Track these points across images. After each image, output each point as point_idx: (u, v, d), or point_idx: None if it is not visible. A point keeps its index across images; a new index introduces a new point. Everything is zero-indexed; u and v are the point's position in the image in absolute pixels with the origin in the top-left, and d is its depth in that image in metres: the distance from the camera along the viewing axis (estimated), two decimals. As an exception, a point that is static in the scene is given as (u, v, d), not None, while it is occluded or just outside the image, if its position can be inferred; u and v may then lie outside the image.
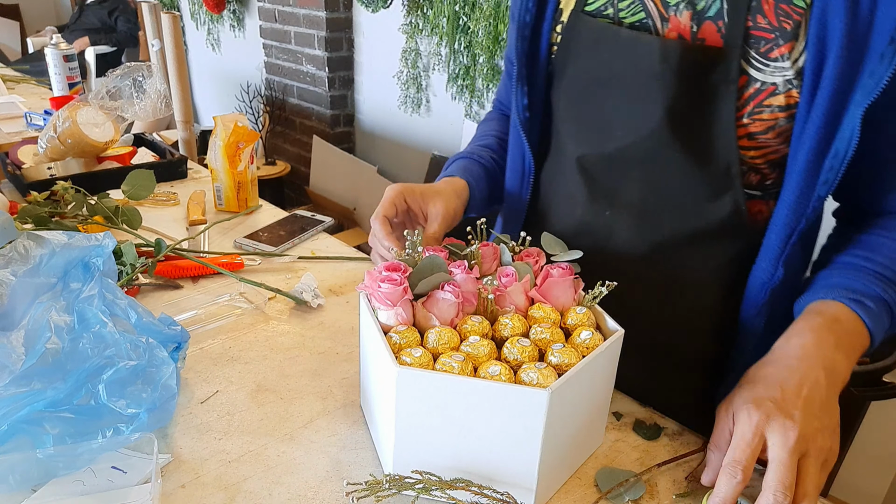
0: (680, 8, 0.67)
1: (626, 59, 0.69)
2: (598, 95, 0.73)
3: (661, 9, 0.68)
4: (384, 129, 3.14)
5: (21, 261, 0.74)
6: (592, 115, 0.74)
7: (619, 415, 0.76)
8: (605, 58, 0.71)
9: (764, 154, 0.69)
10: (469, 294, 0.66)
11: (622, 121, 0.71)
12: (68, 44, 1.88)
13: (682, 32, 0.67)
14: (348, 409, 0.75)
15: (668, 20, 0.67)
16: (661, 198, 0.74)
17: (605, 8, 0.72)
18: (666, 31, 0.68)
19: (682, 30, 0.67)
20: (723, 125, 0.66)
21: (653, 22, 0.68)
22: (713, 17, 0.65)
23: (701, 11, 0.66)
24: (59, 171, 1.35)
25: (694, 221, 0.73)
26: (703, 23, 0.66)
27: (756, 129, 0.66)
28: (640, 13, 0.69)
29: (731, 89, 0.65)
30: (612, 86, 0.71)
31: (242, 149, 1.26)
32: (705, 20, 0.65)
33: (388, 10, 2.79)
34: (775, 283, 0.71)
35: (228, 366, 0.82)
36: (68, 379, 0.62)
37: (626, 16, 0.70)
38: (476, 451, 0.59)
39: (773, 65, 0.63)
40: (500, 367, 0.57)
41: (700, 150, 0.69)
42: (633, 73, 0.68)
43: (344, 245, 1.19)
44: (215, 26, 3.93)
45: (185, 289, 1.00)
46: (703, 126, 0.68)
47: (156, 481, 0.61)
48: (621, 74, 0.70)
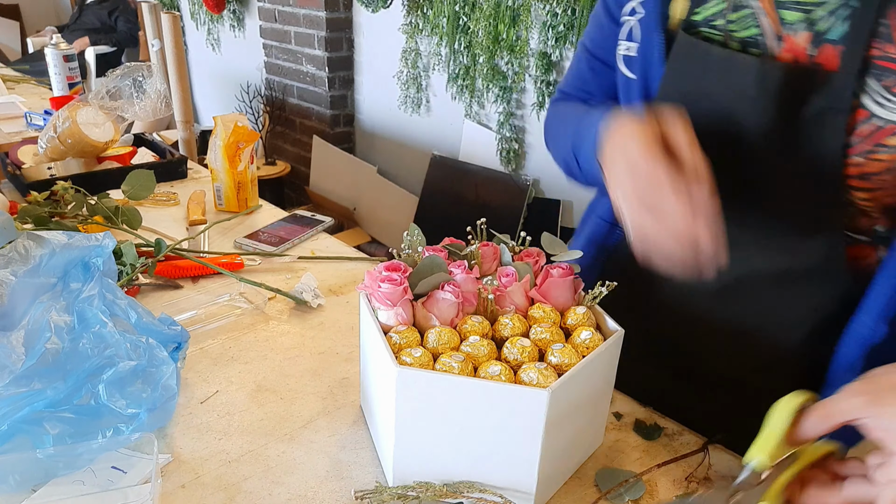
0: (798, 28, 0.59)
1: (719, 78, 0.63)
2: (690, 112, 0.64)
3: (777, 27, 0.60)
4: (384, 129, 3.14)
5: (21, 261, 0.74)
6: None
7: (619, 415, 0.76)
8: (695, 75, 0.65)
9: (877, 197, 0.61)
10: (469, 294, 0.66)
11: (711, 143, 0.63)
12: (68, 44, 1.88)
13: (797, 55, 0.59)
14: (348, 409, 0.75)
15: (783, 39, 0.60)
16: (749, 230, 0.67)
17: (715, 18, 0.64)
18: (780, 51, 0.60)
19: (798, 52, 0.59)
20: (826, 159, 0.59)
21: (765, 40, 0.61)
22: (835, 41, 0.57)
23: (821, 33, 0.57)
24: (59, 171, 1.35)
25: (782, 259, 0.66)
26: (822, 46, 0.58)
27: (871, 169, 0.58)
28: (752, 28, 0.61)
29: (840, 119, 0.57)
30: (703, 103, 0.64)
31: (242, 149, 1.26)
32: (824, 43, 0.57)
33: (388, 10, 2.79)
34: (876, 342, 0.63)
35: (228, 366, 0.82)
36: (68, 379, 0.62)
37: (737, 29, 0.63)
38: (476, 450, 0.59)
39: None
40: (500, 367, 0.57)
41: (797, 182, 0.62)
42: (724, 91, 0.62)
43: (344, 245, 1.19)
44: (215, 26, 3.93)
45: (185, 289, 1.00)
46: (803, 157, 0.60)
47: (156, 481, 0.61)
48: (712, 92, 0.64)
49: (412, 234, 0.71)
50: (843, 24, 0.56)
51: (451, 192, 2.74)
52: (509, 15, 2.34)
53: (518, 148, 2.54)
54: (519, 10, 2.30)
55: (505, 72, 2.46)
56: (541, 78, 2.32)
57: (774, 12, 0.60)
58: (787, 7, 0.59)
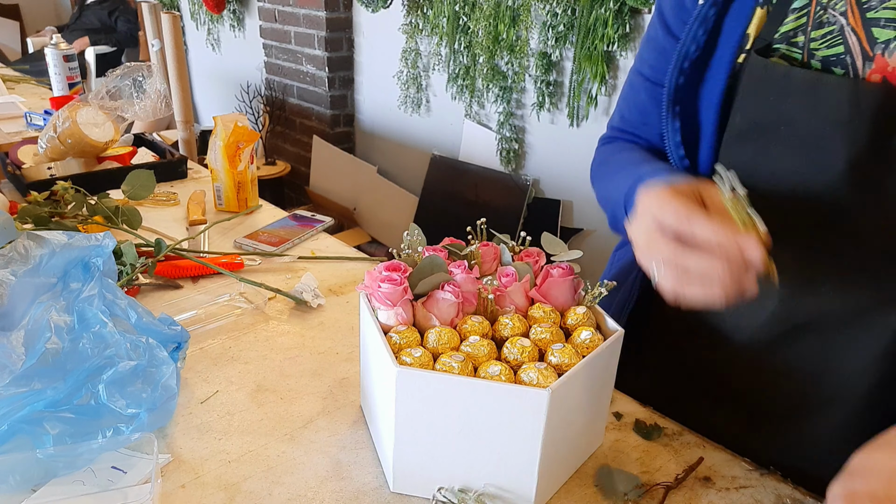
0: (891, 47, 0.54)
1: (802, 102, 0.57)
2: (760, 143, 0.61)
3: (867, 45, 0.55)
4: (384, 129, 3.14)
5: (21, 261, 0.74)
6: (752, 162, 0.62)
7: (619, 415, 0.76)
8: (771, 100, 0.59)
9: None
10: (469, 294, 0.66)
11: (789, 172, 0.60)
12: (68, 44, 1.88)
13: (887, 75, 0.54)
14: (348, 409, 0.75)
15: (872, 59, 0.55)
16: (824, 266, 0.62)
17: (795, 34, 0.59)
18: (868, 71, 0.55)
19: (890, 73, 0.54)
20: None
21: (852, 59, 0.56)
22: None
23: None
24: (59, 171, 1.35)
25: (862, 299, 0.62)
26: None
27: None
28: (837, 46, 0.57)
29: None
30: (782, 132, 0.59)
31: (242, 149, 1.26)
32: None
33: (388, 10, 2.79)
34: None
35: (228, 366, 0.82)
36: (68, 379, 0.62)
37: (819, 47, 0.58)
38: (476, 450, 0.59)
39: None
40: (500, 367, 0.57)
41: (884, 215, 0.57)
42: (808, 118, 0.57)
43: (344, 245, 1.19)
44: (215, 26, 3.93)
45: (185, 289, 1.00)
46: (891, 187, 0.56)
47: (156, 481, 0.61)
48: (794, 119, 0.58)
49: (412, 234, 0.71)
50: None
51: (451, 192, 2.74)
52: (509, 15, 2.34)
53: (518, 148, 2.54)
54: (519, 10, 2.30)
55: (505, 72, 2.46)
56: (541, 78, 2.32)
57: (863, 30, 0.56)
58: (880, 25, 0.55)
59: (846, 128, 0.55)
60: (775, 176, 0.61)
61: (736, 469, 0.69)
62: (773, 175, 0.61)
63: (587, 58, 2.15)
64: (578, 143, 2.34)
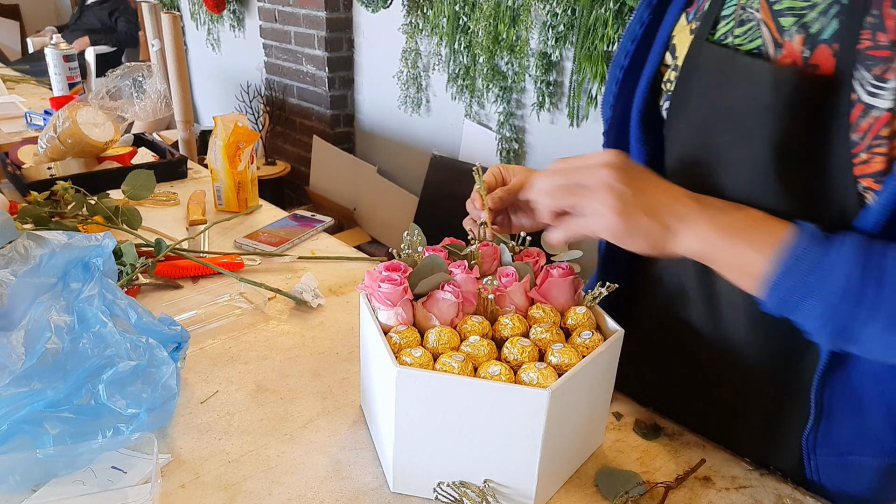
0: (792, 32, 0.58)
1: (741, 89, 0.61)
2: (711, 132, 0.65)
3: (776, 34, 0.60)
4: (384, 129, 3.14)
5: (21, 261, 0.74)
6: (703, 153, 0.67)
7: (619, 415, 0.76)
8: (724, 90, 0.63)
9: None
10: (469, 294, 0.66)
11: (729, 159, 0.64)
12: (68, 44, 1.88)
13: (794, 58, 0.58)
14: (348, 409, 0.75)
15: (781, 46, 0.59)
16: None
17: (725, 37, 0.64)
18: (779, 57, 0.60)
19: (795, 56, 0.58)
20: (835, 164, 0.57)
21: (766, 49, 0.61)
22: (828, 41, 0.56)
23: (815, 35, 0.57)
24: (59, 171, 1.35)
25: None
26: (817, 47, 0.57)
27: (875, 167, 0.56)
28: (756, 40, 0.61)
29: (843, 122, 0.56)
30: (726, 120, 0.63)
31: (242, 149, 1.26)
32: (819, 44, 0.57)
33: (388, 10, 2.79)
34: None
35: (228, 366, 0.82)
36: (68, 379, 0.62)
37: (743, 42, 0.62)
38: (476, 450, 0.59)
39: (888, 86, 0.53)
40: (500, 367, 0.57)
41: (809, 192, 0.60)
42: (746, 104, 0.61)
43: (344, 245, 1.19)
44: (215, 26, 3.93)
45: (185, 289, 1.00)
46: (813, 165, 0.59)
47: (156, 481, 0.61)
48: (735, 107, 0.62)
49: (412, 234, 0.71)
50: (833, 22, 0.56)
51: (451, 192, 2.74)
52: (509, 15, 2.34)
53: (518, 148, 2.54)
54: (519, 10, 2.30)
55: (505, 72, 2.46)
56: (541, 78, 2.32)
57: (772, 20, 0.60)
58: (783, 14, 0.59)
59: (771, 111, 0.59)
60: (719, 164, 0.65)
61: (736, 469, 0.69)
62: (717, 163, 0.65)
63: (587, 58, 2.15)
64: (578, 143, 2.34)
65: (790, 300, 0.54)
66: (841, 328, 0.53)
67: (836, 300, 0.52)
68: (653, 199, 0.59)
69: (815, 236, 0.54)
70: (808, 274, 0.53)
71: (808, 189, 0.60)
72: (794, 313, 0.55)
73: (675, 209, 0.58)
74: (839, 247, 0.53)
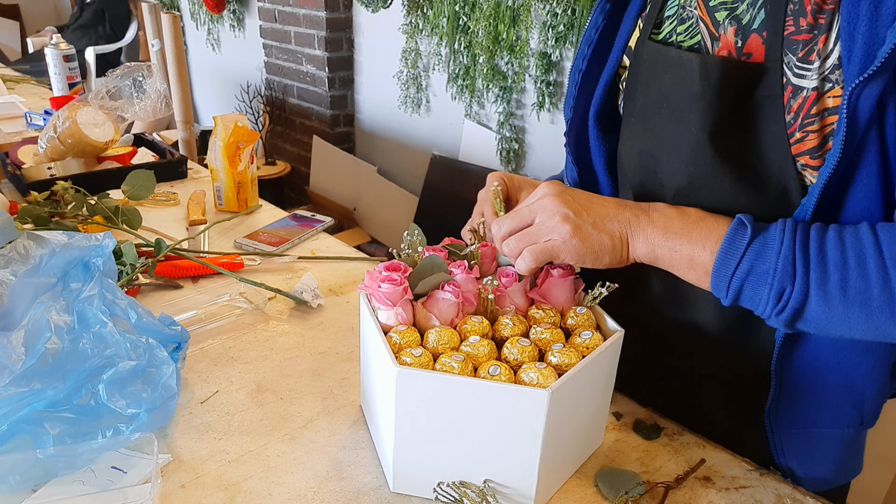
0: (726, 24, 0.62)
1: (675, 80, 0.65)
2: (652, 121, 0.70)
3: (712, 28, 0.63)
4: (384, 129, 3.14)
5: (21, 261, 0.74)
6: (647, 141, 0.71)
7: (619, 415, 0.76)
8: (659, 80, 0.68)
9: None
10: (469, 294, 0.66)
11: (669, 146, 0.67)
12: (68, 44, 1.88)
13: (729, 49, 0.62)
14: (348, 409, 0.75)
15: (718, 39, 0.63)
16: None
17: (670, 35, 0.68)
18: (716, 49, 0.63)
19: (730, 46, 0.62)
20: (773, 145, 0.60)
21: (704, 43, 0.64)
22: (758, 30, 0.60)
23: (746, 25, 0.61)
24: (59, 171, 1.35)
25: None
26: (749, 36, 0.61)
27: (811, 144, 0.58)
28: (696, 36, 0.65)
29: (777, 105, 0.59)
30: (663, 109, 0.67)
31: (242, 149, 1.26)
32: (751, 33, 0.60)
33: (388, 10, 2.79)
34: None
35: (228, 366, 0.82)
36: (68, 379, 0.62)
37: (685, 40, 0.66)
38: (476, 450, 0.59)
39: (812, 67, 0.57)
40: (500, 367, 0.57)
41: (750, 174, 0.63)
42: (679, 93, 0.65)
43: (344, 245, 1.19)
44: (215, 26, 3.92)
45: (185, 289, 1.00)
46: (750, 147, 0.62)
47: (156, 481, 0.61)
48: (670, 96, 0.66)
49: (412, 234, 0.71)
50: (761, 12, 0.59)
51: (451, 192, 2.74)
52: (509, 15, 2.34)
53: (518, 148, 2.54)
54: (519, 10, 2.30)
55: (505, 72, 2.46)
56: (541, 78, 2.32)
57: (708, 16, 0.64)
58: (718, 9, 0.63)
59: (701, 99, 0.62)
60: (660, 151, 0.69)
61: (736, 469, 0.69)
62: (658, 150, 0.69)
63: (587, 58, 2.15)
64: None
65: (735, 287, 0.57)
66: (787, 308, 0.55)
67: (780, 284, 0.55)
68: (597, 212, 0.63)
69: (752, 224, 0.57)
70: (750, 259, 0.56)
71: (748, 169, 0.63)
72: (743, 300, 0.58)
73: (621, 218, 0.63)
74: (776, 231, 0.56)
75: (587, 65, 0.77)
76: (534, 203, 0.65)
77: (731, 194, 0.63)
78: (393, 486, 0.63)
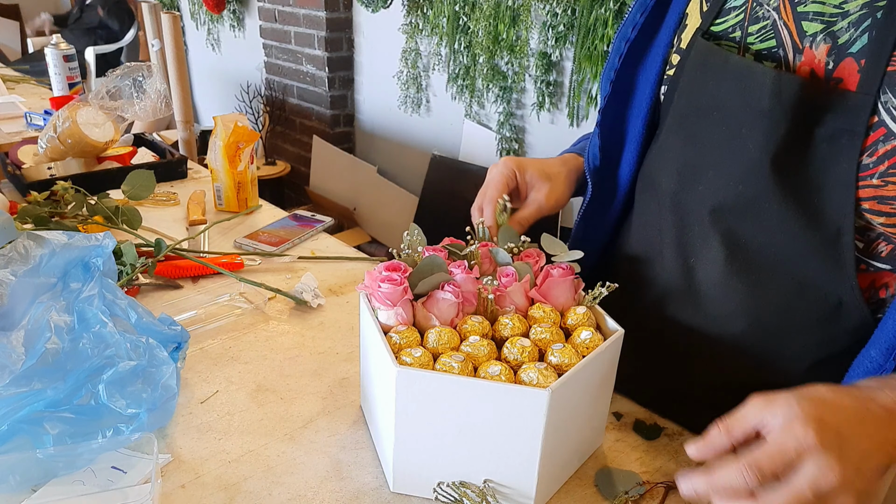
0: (817, 39, 0.56)
1: (733, 88, 0.59)
2: (697, 126, 0.64)
3: (797, 38, 0.57)
4: (384, 129, 3.14)
5: (21, 261, 0.74)
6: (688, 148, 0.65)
7: (619, 415, 0.76)
8: (710, 85, 0.62)
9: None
10: (469, 294, 0.66)
11: (718, 158, 0.62)
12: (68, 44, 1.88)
13: (815, 68, 0.56)
14: (348, 409, 0.75)
15: (801, 52, 0.57)
16: (752, 255, 0.63)
17: (733, 30, 0.62)
18: (798, 64, 0.57)
19: (816, 65, 0.56)
20: (839, 183, 0.55)
21: (784, 52, 0.58)
22: (856, 55, 0.53)
23: (842, 46, 0.54)
24: (59, 171, 1.35)
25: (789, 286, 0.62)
26: (843, 59, 0.54)
27: (889, 192, 0.53)
28: (770, 40, 0.59)
29: (856, 143, 0.54)
30: (714, 117, 0.61)
31: (242, 149, 1.26)
32: (846, 56, 0.54)
33: (388, 10, 2.79)
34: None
35: (228, 366, 0.82)
36: (68, 379, 0.62)
37: (754, 41, 0.60)
38: (476, 450, 0.59)
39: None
40: (500, 367, 0.57)
41: (806, 207, 0.58)
42: (739, 105, 0.59)
43: (344, 245, 1.19)
44: (215, 26, 3.92)
45: (185, 289, 1.00)
46: (814, 180, 0.57)
47: (156, 481, 0.61)
48: (725, 105, 0.60)
49: (412, 234, 0.71)
50: (864, 36, 0.53)
51: (451, 192, 2.74)
52: (509, 15, 2.34)
53: (518, 148, 2.54)
54: (519, 10, 2.30)
55: (505, 72, 2.46)
56: (541, 78, 2.32)
57: (794, 23, 0.57)
58: (809, 18, 0.56)
59: (766, 117, 0.57)
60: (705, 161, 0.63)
61: (736, 469, 0.69)
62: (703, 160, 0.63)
63: (587, 58, 2.15)
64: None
65: None
66: None
67: None
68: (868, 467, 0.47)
69: None
70: None
71: (803, 200, 0.58)
72: None
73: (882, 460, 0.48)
74: None
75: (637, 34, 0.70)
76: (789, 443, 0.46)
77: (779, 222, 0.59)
78: (393, 486, 0.63)
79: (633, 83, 0.72)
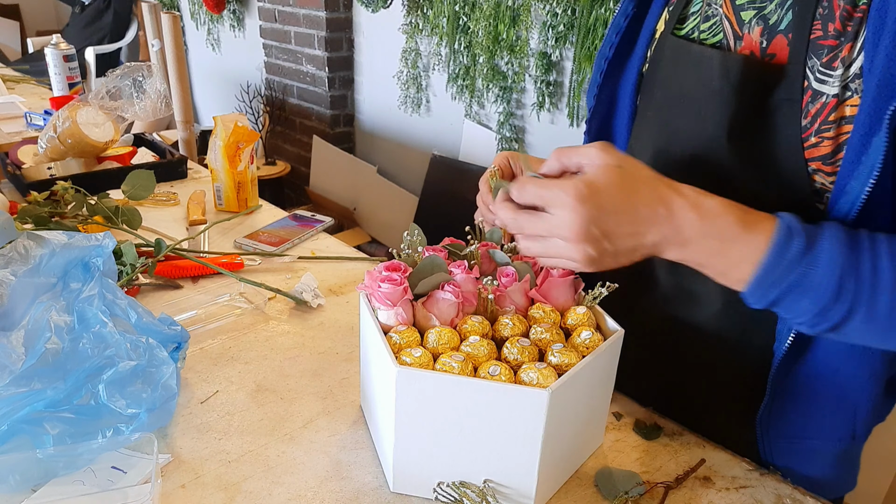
0: (752, 24, 0.62)
1: (695, 75, 0.66)
2: (669, 117, 0.70)
3: (736, 27, 0.64)
4: (384, 129, 3.14)
5: (21, 261, 0.74)
6: (662, 134, 0.71)
7: (619, 415, 0.76)
8: (679, 76, 0.68)
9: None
10: (469, 294, 0.66)
11: (685, 142, 0.68)
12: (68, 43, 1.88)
13: (753, 49, 0.62)
14: (348, 409, 0.75)
15: (741, 38, 0.63)
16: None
17: (692, 32, 0.69)
18: (738, 49, 0.64)
19: (754, 46, 0.62)
20: (787, 148, 0.60)
21: (727, 41, 0.65)
22: (784, 31, 0.60)
23: (773, 25, 0.61)
24: (59, 171, 1.35)
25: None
26: (775, 37, 0.61)
27: (825, 150, 0.58)
28: (718, 35, 0.66)
29: (795, 108, 0.59)
30: (682, 103, 0.68)
31: (242, 149, 1.26)
32: (777, 34, 0.60)
33: (388, 10, 2.79)
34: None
35: (228, 366, 0.82)
36: (68, 379, 0.62)
37: (707, 37, 0.67)
38: (476, 451, 0.59)
39: (835, 74, 0.56)
40: (500, 367, 0.57)
41: (764, 175, 0.62)
42: (699, 89, 0.65)
43: (344, 245, 1.19)
44: (215, 26, 3.92)
45: (185, 289, 1.00)
46: (766, 149, 0.62)
47: (156, 481, 0.61)
48: (689, 91, 0.67)
49: (412, 234, 0.71)
50: (789, 13, 0.59)
51: (451, 192, 2.74)
52: (509, 15, 2.34)
53: (518, 148, 2.54)
54: (519, 10, 2.30)
55: (505, 72, 2.46)
56: (541, 78, 2.32)
57: (733, 14, 0.64)
58: (744, 8, 0.63)
59: (718, 96, 0.63)
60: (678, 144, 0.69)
61: (736, 469, 0.69)
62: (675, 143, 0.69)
63: (587, 58, 2.15)
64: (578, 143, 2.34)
65: (772, 298, 0.55)
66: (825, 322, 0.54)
67: (826, 301, 0.53)
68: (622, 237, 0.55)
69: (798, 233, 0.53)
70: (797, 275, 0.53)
71: (762, 170, 0.63)
72: (778, 309, 0.56)
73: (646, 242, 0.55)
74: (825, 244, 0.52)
75: (614, 53, 0.77)
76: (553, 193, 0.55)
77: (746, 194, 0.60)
78: (393, 486, 0.63)
79: (614, 96, 0.80)
